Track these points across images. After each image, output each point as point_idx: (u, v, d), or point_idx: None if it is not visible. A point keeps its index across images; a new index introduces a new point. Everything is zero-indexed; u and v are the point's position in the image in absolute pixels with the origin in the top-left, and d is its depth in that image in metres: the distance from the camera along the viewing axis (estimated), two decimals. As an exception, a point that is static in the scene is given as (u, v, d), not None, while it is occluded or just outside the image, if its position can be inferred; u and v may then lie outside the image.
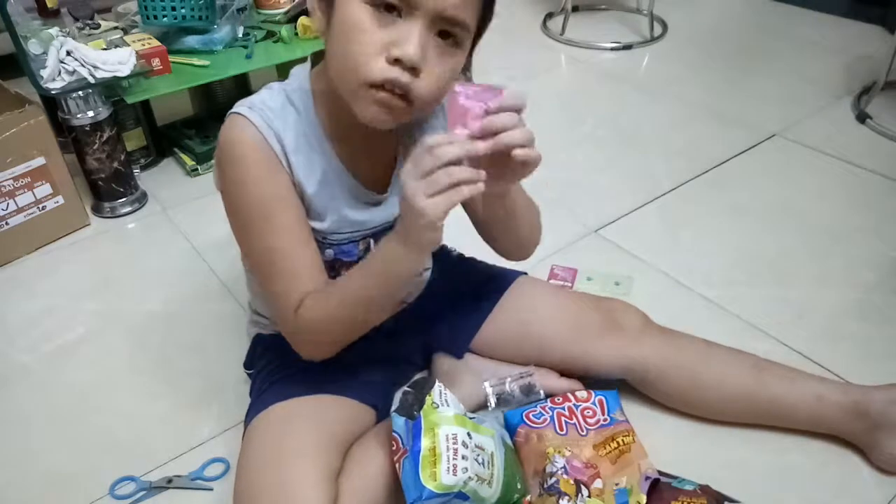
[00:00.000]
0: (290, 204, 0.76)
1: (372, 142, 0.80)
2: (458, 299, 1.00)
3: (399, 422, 0.78)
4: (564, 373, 0.99)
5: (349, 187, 0.80)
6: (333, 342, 0.80)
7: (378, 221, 0.84)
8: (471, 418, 0.83)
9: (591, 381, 0.99)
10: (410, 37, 0.65)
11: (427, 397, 0.80)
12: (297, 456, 0.77)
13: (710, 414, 0.97)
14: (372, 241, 0.85)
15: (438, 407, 0.79)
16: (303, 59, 0.84)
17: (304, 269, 0.77)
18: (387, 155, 0.84)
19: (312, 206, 0.79)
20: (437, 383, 0.82)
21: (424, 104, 0.69)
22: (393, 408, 0.81)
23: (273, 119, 0.74)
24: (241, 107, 0.75)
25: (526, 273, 1.06)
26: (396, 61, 0.65)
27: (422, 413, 0.78)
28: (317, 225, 0.80)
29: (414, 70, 0.66)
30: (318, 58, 0.78)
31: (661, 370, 0.95)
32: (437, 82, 0.68)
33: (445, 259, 1.04)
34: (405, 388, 0.82)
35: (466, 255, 1.07)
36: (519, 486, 0.85)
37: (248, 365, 1.00)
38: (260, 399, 0.86)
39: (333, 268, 0.84)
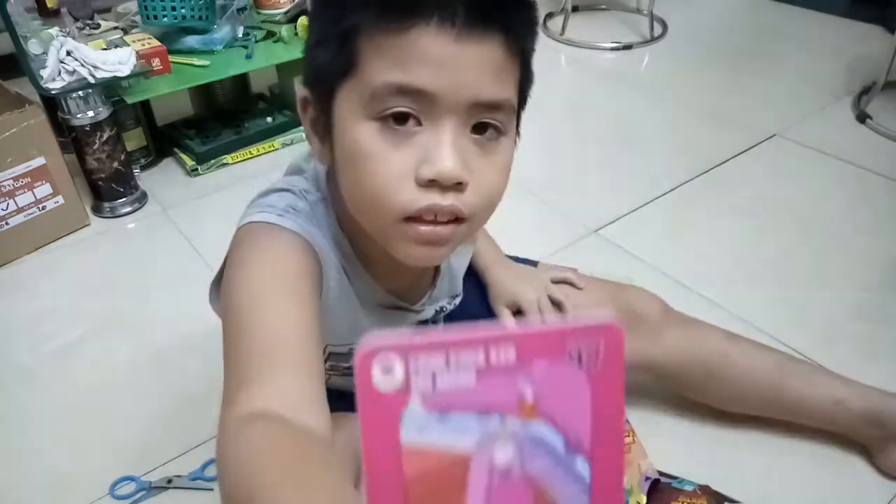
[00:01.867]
0: (312, 298, 0.56)
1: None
2: (476, 286, 0.93)
3: None
4: None
5: (384, 302, 0.68)
6: (221, 480, 0.43)
7: (412, 323, 0.75)
8: None
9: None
10: (440, 147, 0.49)
11: None
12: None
13: (726, 407, 0.95)
14: None
15: None
16: (300, 60, 0.79)
17: (295, 366, 0.49)
18: (427, 272, 0.73)
19: (339, 327, 0.65)
20: None
21: (482, 220, 0.56)
22: None
23: (307, 226, 0.58)
24: (265, 213, 0.57)
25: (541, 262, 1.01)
26: (431, 182, 0.50)
27: None
28: (341, 341, 0.69)
29: (459, 185, 0.51)
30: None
31: (679, 366, 0.93)
32: (490, 188, 0.53)
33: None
34: None
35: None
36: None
37: None
38: None
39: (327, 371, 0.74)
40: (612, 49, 2.26)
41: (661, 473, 0.87)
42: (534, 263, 0.98)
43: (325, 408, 0.48)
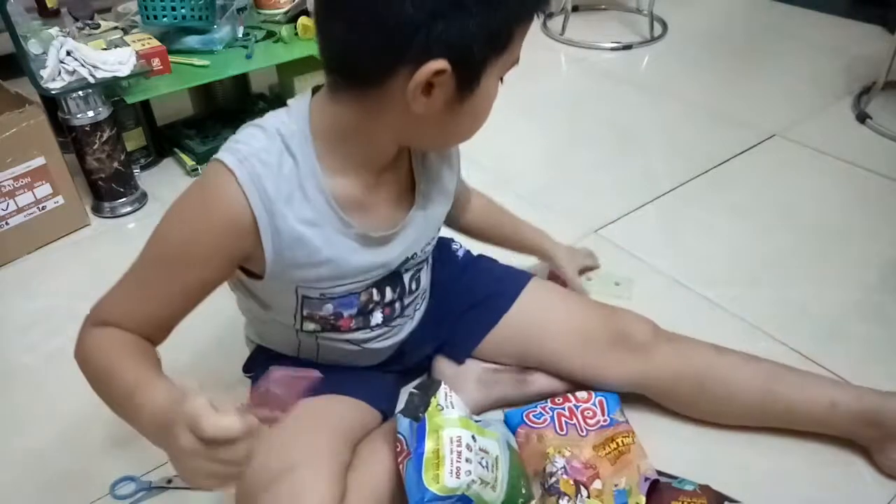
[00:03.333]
0: (219, 270, 0.71)
1: (387, 184, 0.76)
2: (466, 306, 0.99)
3: (404, 423, 0.78)
4: (570, 384, 0.99)
5: (353, 237, 0.75)
6: (83, 371, 0.73)
7: (382, 262, 0.79)
8: (476, 421, 0.83)
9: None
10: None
11: (432, 399, 0.80)
12: (308, 451, 0.76)
13: (720, 420, 0.96)
14: (374, 290, 0.81)
15: (443, 409, 0.79)
16: (300, 60, 0.82)
17: (145, 315, 0.72)
18: (401, 192, 0.79)
19: (306, 266, 0.73)
20: (442, 385, 0.82)
21: None
22: (398, 409, 0.81)
23: (265, 177, 0.67)
24: (229, 154, 0.67)
25: (535, 275, 1.04)
26: None
27: (426, 415, 0.78)
28: (311, 284, 0.76)
29: None
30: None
31: (669, 383, 0.94)
32: None
33: (452, 261, 1.03)
34: (411, 389, 0.82)
35: (473, 253, 1.07)
36: (524, 491, 0.84)
37: (247, 369, 0.99)
38: None
39: (334, 320, 0.81)
40: (612, 49, 2.26)
41: (660, 473, 0.87)
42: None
43: (156, 331, 0.74)
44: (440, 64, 0.61)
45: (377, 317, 0.84)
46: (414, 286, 0.87)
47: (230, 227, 0.68)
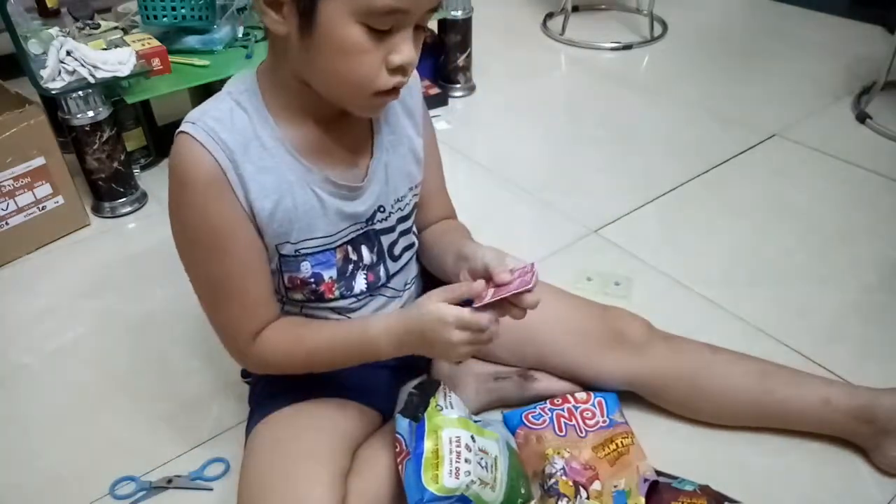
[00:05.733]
0: (242, 228, 0.74)
1: (341, 131, 0.78)
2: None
3: (403, 423, 0.78)
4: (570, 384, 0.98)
5: (317, 184, 0.76)
6: (282, 372, 0.83)
7: (350, 212, 0.80)
8: (475, 421, 0.83)
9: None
10: (405, 43, 0.67)
11: (432, 399, 0.80)
12: (307, 455, 0.77)
13: (715, 420, 0.96)
14: (349, 247, 0.82)
15: (443, 409, 0.79)
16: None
17: (261, 296, 0.78)
18: (359, 140, 0.81)
19: (275, 217, 0.75)
20: (441, 385, 0.82)
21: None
22: (397, 409, 0.81)
23: (219, 130, 0.71)
24: (185, 123, 0.72)
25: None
26: (398, 68, 0.68)
27: (426, 415, 0.78)
28: (284, 238, 0.77)
29: (411, 67, 0.70)
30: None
31: (664, 381, 0.95)
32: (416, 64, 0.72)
33: None
34: (410, 389, 0.82)
35: None
36: (523, 491, 0.84)
37: (245, 373, 0.99)
38: (263, 404, 0.85)
39: (315, 284, 0.81)
40: (612, 49, 2.26)
41: (660, 473, 0.87)
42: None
43: (274, 296, 0.81)
44: None
45: (360, 282, 0.84)
46: (397, 252, 0.87)
47: (211, 183, 0.71)
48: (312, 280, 0.81)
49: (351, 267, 0.83)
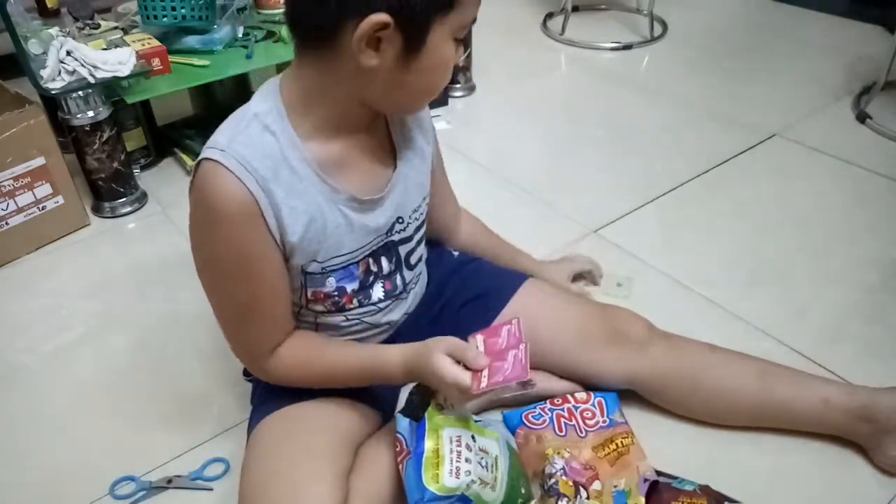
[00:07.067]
0: (270, 258, 0.74)
1: (364, 143, 0.79)
2: (462, 303, 0.99)
3: (403, 423, 0.78)
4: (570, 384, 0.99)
5: (344, 203, 0.77)
6: (297, 384, 0.84)
7: (374, 226, 0.81)
8: (476, 421, 0.83)
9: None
10: (461, 47, 0.73)
11: (432, 399, 0.80)
12: (309, 453, 0.77)
13: (715, 419, 0.96)
14: (371, 259, 0.82)
15: (443, 409, 0.79)
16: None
17: (283, 315, 0.80)
18: (379, 152, 0.82)
19: (305, 238, 0.75)
20: None
21: None
22: (398, 408, 0.81)
23: (251, 158, 0.70)
24: (212, 150, 0.70)
25: (531, 277, 1.04)
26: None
27: (426, 414, 0.78)
28: (311, 257, 0.77)
29: None
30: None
31: (664, 380, 0.95)
32: None
33: (447, 262, 1.03)
34: (411, 389, 0.82)
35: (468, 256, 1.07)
36: (523, 491, 0.84)
37: (247, 372, 0.99)
38: (265, 404, 0.86)
39: (338, 297, 0.82)
40: (612, 49, 2.26)
41: (660, 473, 0.87)
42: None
43: (291, 313, 0.83)
44: (382, 17, 0.64)
45: (378, 290, 0.85)
46: (413, 260, 0.88)
47: (245, 215, 0.71)
48: (336, 293, 0.82)
49: (371, 278, 0.84)
